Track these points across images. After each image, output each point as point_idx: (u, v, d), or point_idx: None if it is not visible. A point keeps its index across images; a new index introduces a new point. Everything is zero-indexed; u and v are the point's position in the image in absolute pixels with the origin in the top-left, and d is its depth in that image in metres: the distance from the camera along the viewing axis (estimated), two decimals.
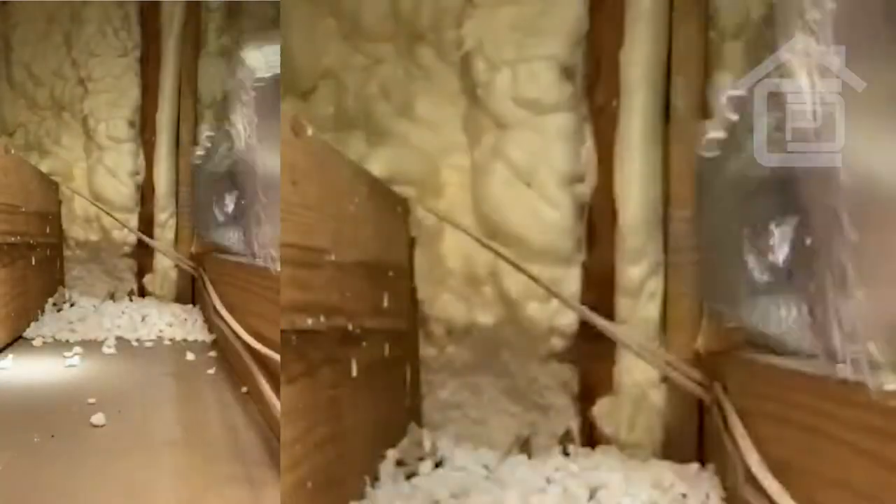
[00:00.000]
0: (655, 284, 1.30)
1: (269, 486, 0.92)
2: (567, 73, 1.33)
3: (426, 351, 1.41)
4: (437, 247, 1.37)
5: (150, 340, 1.81)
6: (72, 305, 2.23)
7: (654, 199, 1.29)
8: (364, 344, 1.03)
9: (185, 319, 2.04)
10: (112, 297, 2.39)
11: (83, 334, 1.87)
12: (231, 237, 1.69)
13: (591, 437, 1.36)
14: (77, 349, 1.66)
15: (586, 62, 1.35)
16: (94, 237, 2.37)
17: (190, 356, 1.63)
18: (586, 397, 1.36)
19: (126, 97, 2.36)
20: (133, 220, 2.36)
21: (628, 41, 1.30)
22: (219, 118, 2.03)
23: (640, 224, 1.29)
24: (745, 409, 0.99)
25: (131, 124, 2.35)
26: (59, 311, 2.14)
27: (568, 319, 1.32)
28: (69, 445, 1.05)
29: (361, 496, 1.04)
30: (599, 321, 1.27)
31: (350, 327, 0.97)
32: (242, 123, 1.35)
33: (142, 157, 2.37)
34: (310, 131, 0.85)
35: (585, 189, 1.33)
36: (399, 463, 1.16)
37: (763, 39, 1.32)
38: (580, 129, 1.33)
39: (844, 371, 0.68)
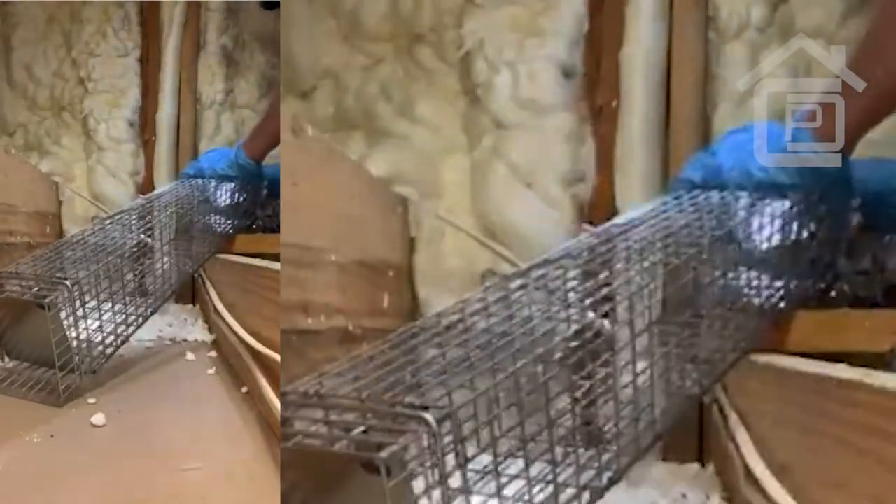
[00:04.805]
0: (655, 284, 1.30)
1: (270, 486, 0.92)
2: (567, 73, 1.33)
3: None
4: (437, 247, 1.37)
5: (150, 340, 1.80)
6: None
7: (654, 200, 1.29)
8: (364, 344, 1.03)
9: (185, 319, 2.04)
10: None
11: None
12: None
13: (591, 437, 1.35)
14: None
15: (586, 62, 1.35)
16: None
17: (190, 356, 1.62)
18: (586, 397, 1.36)
19: (126, 97, 2.35)
20: None
21: (628, 41, 1.30)
22: None
23: None
24: (745, 409, 0.99)
25: (131, 124, 2.35)
26: None
27: None
28: (69, 445, 1.04)
29: None
30: (599, 321, 1.27)
31: (350, 327, 0.97)
32: None
33: (142, 157, 2.36)
34: (310, 131, 0.86)
35: (585, 189, 1.33)
36: None
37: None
38: (580, 129, 1.33)
39: None
